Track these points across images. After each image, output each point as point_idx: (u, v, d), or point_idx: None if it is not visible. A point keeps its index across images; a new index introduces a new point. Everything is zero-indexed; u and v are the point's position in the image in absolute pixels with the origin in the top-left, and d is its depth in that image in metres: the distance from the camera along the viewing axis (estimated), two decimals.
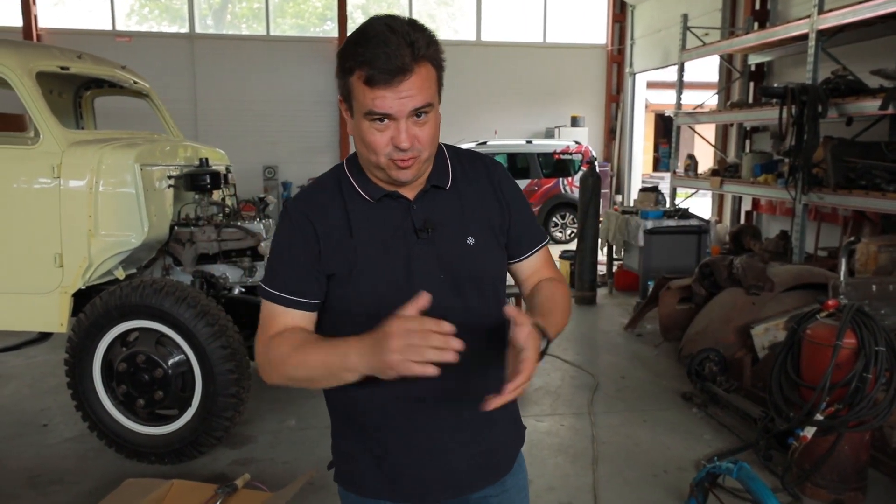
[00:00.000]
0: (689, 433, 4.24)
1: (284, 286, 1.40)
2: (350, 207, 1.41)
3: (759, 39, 7.47)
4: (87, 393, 3.78)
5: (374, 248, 1.39)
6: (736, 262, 5.49)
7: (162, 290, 3.65)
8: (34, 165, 3.83)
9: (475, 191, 1.49)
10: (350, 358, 1.25)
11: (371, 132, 1.32)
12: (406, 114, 1.30)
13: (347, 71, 1.31)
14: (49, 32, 13.37)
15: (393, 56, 1.25)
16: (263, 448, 4.03)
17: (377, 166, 1.36)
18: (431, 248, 1.41)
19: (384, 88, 1.27)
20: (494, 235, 1.48)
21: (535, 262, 1.58)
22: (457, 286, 1.42)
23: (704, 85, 14.17)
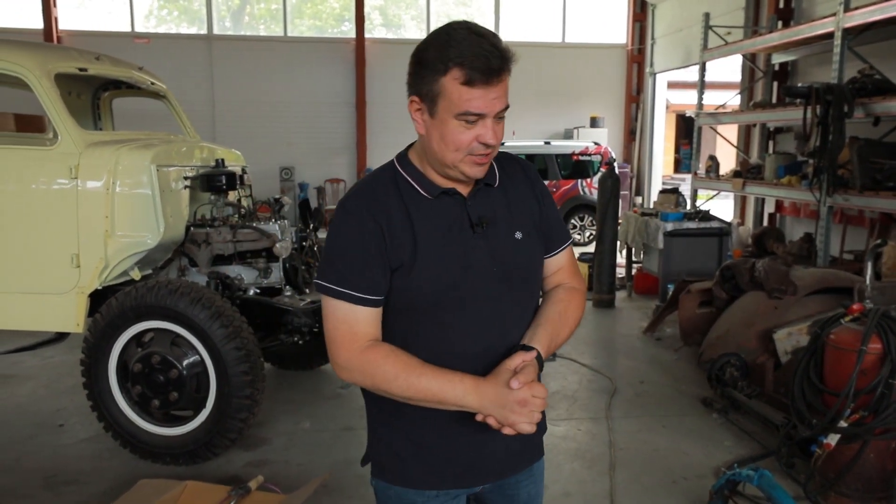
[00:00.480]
0: (709, 439, 4.20)
1: (352, 283, 1.45)
2: (409, 203, 1.48)
3: (784, 38, 7.39)
4: (102, 393, 3.82)
5: (434, 242, 1.46)
6: (758, 265, 5.42)
7: (177, 291, 3.68)
8: (52, 166, 3.88)
9: (518, 189, 1.60)
10: (467, 399, 1.41)
11: (458, 130, 1.41)
12: (494, 113, 1.41)
13: (441, 70, 1.38)
14: (69, 34, 13.57)
15: (490, 57, 1.36)
16: (278, 450, 4.05)
17: (452, 164, 1.45)
18: (485, 242, 1.50)
19: (481, 89, 1.37)
20: (536, 231, 1.60)
21: (560, 259, 1.68)
22: (507, 279, 1.52)
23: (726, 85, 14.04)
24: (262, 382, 3.81)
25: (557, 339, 1.56)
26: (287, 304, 4.21)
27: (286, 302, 4.24)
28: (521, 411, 1.38)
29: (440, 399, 1.42)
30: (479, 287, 1.49)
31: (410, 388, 1.42)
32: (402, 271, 1.45)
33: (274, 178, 14.03)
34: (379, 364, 1.44)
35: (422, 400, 1.44)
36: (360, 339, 1.46)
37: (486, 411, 1.40)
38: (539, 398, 1.40)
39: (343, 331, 1.46)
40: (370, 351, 1.45)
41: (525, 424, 1.39)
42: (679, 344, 6.00)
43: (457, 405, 1.42)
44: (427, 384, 1.41)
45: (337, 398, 4.84)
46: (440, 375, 1.42)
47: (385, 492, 1.63)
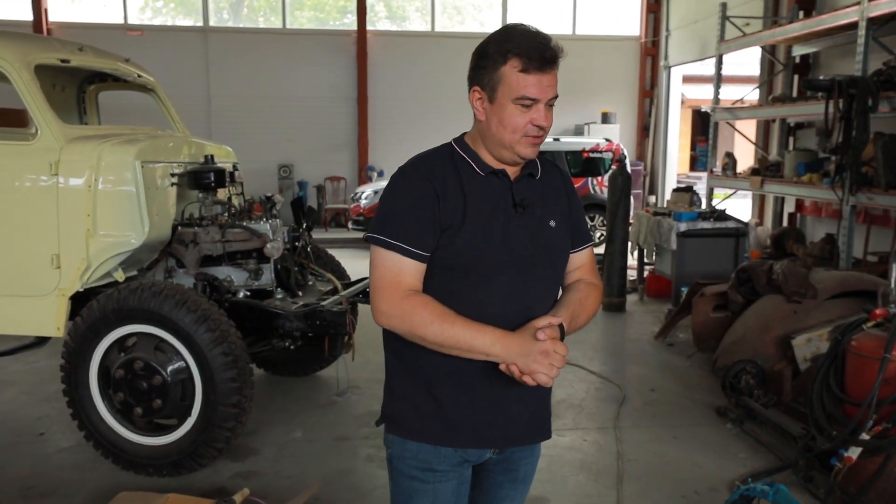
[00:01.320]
0: (723, 451, 4.12)
1: (405, 237, 1.66)
2: (462, 175, 1.73)
3: (805, 29, 7.31)
4: (83, 401, 3.78)
5: (481, 210, 1.70)
6: (776, 268, 5.35)
7: (161, 294, 3.64)
8: (31, 162, 3.84)
9: (554, 185, 1.86)
10: (494, 348, 1.62)
11: (515, 114, 1.66)
12: (546, 100, 1.67)
13: (500, 60, 1.64)
14: (59, 26, 13.60)
15: (545, 49, 1.64)
16: (267, 461, 4.00)
17: (509, 145, 1.70)
18: (524, 222, 1.74)
19: (536, 75, 1.64)
20: (567, 224, 1.85)
21: (582, 257, 1.92)
22: (538, 258, 1.75)
23: (744, 79, 13.97)
24: (250, 390, 3.76)
25: (576, 322, 1.78)
26: (278, 307, 4.16)
27: (277, 305, 4.19)
28: (542, 361, 1.59)
29: (469, 346, 1.62)
30: (514, 260, 1.71)
31: (444, 334, 1.62)
32: (450, 232, 1.67)
33: (272, 175, 14.02)
34: (418, 310, 1.64)
35: (452, 346, 1.63)
36: (404, 288, 1.66)
37: (511, 360, 1.61)
38: (559, 353, 1.61)
39: (389, 279, 1.67)
40: (411, 298, 1.65)
41: (543, 375, 1.59)
42: (692, 350, 5.92)
43: (484, 353, 1.62)
44: (459, 332, 1.62)
45: (331, 406, 4.79)
46: (471, 325, 1.63)
47: (401, 448, 1.79)
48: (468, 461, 1.81)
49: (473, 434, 1.76)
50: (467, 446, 1.77)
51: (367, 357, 5.18)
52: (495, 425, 1.77)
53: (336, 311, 4.10)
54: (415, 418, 1.77)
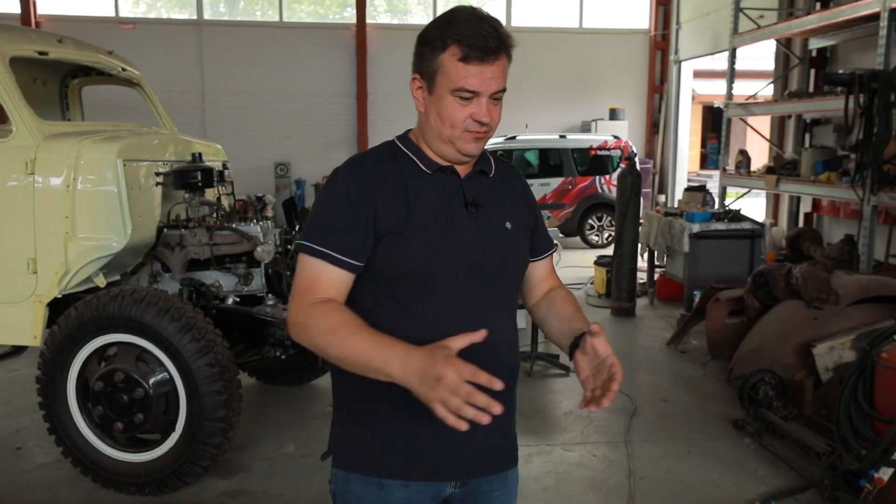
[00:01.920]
0: (741, 468, 3.97)
1: (332, 243, 1.52)
2: (406, 174, 1.60)
3: (823, 21, 7.16)
4: (60, 414, 3.64)
5: (428, 212, 1.56)
6: (795, 271, 5.20)
7: (143, 301, 3.50)
8: (5, 160, 3.71)
9: (510, 186, 1.74)
10: (391, 368, 1.35)
11: (454, 107, 1.53)
12: (489, 93, 1.53)
13: (439, 48, 1.52)
14: (48, 19, 13.48)
15: (488, 37, 1.49)
16: (257, 478, 3.86)
17: (449, 140, 1.57)
18: (476, 223, 1.61)
19: (477, 65, 1.50)
20: (524, 228, 1.73)
21: (546, 266, 1.84)
22: (493, 263, 1.61)
23: (757, 73, 13.83)
24: (238, 403, 3.62)
25: None
26: (269, 314, 4.02)
27: (268, 312, 4.05)
28: (437, 388, 1.27)
29: (366, 362, 1.40)
30: (467, 265, 1.58)
31: (341, 346, 1.42)
32: (391, 237, 1.53)
33: (269, 174, 13.89)
34: (319, 319, 1.47)
35: (351, 362, 1.43)
36: (314, 295, 1.51)
37: (409, 384, 1.33)
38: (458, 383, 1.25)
39: (302, 286, 1.53)
40: (318, 305, 1.49)
41: (438, 405, 1.26)
42: (706, 358, 5.77)
43: (381, 372, 1.38)
44: (356, 344, 1.41)
45: (324, 418, 4.64)
46: (375, 338, 1.41)
47: (346, 485, 1.64)
48: (427, 498, 1.64)
49: (425, 466, 1.60)
50: (419, 479, 1.61)
51: None
52: (450, 455, 1.62)
53: None
54: (360, 449, 1.61)
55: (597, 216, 12.30)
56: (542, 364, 5.64)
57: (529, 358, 5.56)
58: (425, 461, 1.60)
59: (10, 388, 5.15)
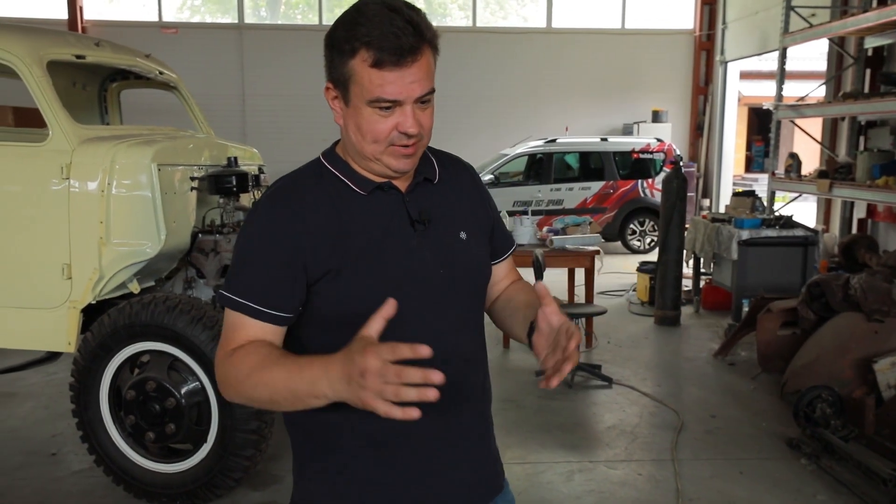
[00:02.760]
0: (798, 491, 3.74)
1: (254, 295, 1.32)
2: (337, 201, 1.38)
3: (881, 18, 6.81)
4: (93, 422, 3.59)
5: (369, 243, 1.36)
6: (853, 282, 4.93)
7: (175, 309, 3.43)
8: (42, 165, 3.67)
9: (461, 188, 1.54)
10: (319, 386, 1.18)
11: (373, 120, 1.31)
12: (413, 99, 1.31)
13: (347, 53, 1.30)
14: (94, 25, 13.69)
15: (401, 34, 1.26)
16: (290, 490, 3.74)
17: (373, 157, 1.35)
18: (427, 241, 1.41)
19: (393, 71, 1.28)
20: (482, 233, 1.54)
21: (508, 265, 1.66)
22: (453, 282, 1.43)
23: (806, 74, 13.38)
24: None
25: None
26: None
27: None
28: (365, 382, 1.10)
29: (293, 392, 1.22)
30: (422, 292, 1.38)
31: (262, 386, 1.25)
32: (329, 278, 1.33)
33: None
34: (234, 364, 1.29)
35: (281, 399, 1.24)
36: (230, 346, 1.32)
37: (343, 397, 1.16)
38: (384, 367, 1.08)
39: (223, 340, 1.34)
40: (231, 354, 1.31)
41: (379, 402, 1.09)
42: (757, 371, 5.52)
43: (311, 395, 1.20)
44: (276, 376, 1.23)
45: None
46: (292, 363, 1.24)
47: None
48: None
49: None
50: None
51: None
52: (429, 498, 1.43)
53: None
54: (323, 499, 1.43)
55: (639, 221, 12.01)
56: (584, 375, 5.46)
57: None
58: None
59: (49, 392, 5.15)
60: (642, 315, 7.50)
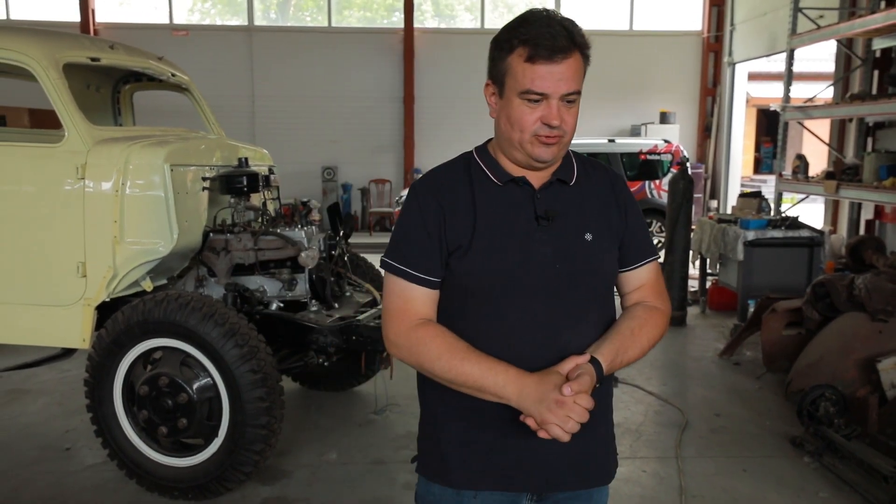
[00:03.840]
0: (801, 489, 3.78)
1: (412, 262, 1.55)
2: (476, 187, 1.58)
3: (888, 20, 6.84)
4: (107, 417, 3.67)
5: (494, 227, 1.54)
6: (858, 282, 4.96)
7: (188, 306, 3.50)
8: (57, 165, 3.75)
9: (597, 192, 1.65)
10: (506, 390, 1.45)
11: (522, 109, 1.50)
12: (559, 95, 1.48)
13: (507, 48, 1.49)
14: (106, 27, 13.84)
15: (556, 36, 1.45)
16: (299, 485, 3.82)
17: (519, 145, 1.53)
18: (550, 237, 1.55)
19: (545, 65, 1.45)
20: (612, 237, 1.63)
21: (641, 275, 1.70)
22: (569, 279, 1.56)
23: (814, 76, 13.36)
24: (280, 410, 3.59)
25: (624, 357, 1.58)
26: (312, 320, 3.99)
27: (311, 318, 4.02)
28: (557, 411, 1.40)
29: (480, 386, 1.47)
30: (537, 281, 1.54)
31: (452, 371, 1.49)
32: (459, 253, 1.54)
33: (316, 178, 13.98)
34: (426, 342, 1.52)
35: (462, 384, 1.49)
36: (412, 316, 1.55)
37: (524, 406, 1.44)
38: (580, 406, 1.41)
39: (397, 307, 1.56)
40: (420, 329, 1.54)
41: (556, 427, 1.40)
42: (761, 370, 5.56)
43: (495, 395, 1.47)
44: (469, 368, 1.47)
45: (368, 425, 4.60)
46: (484, 362, 1.48)
47: (426, 488, 1.70)
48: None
49: (496, 477, 1.62)
50: (490, 488, 1.63)
51: (407, 373, 4.91)
52: (522, 467, 1.61)
53: (373, 327, 3.91)
54: (436, 458, 1.66)
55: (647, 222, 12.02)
56: None
57: None
58: (494, 471, 1.62)
59: (62, 389, 5.24)
60: None
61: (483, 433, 1.60)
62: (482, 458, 1.61)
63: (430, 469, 1.68)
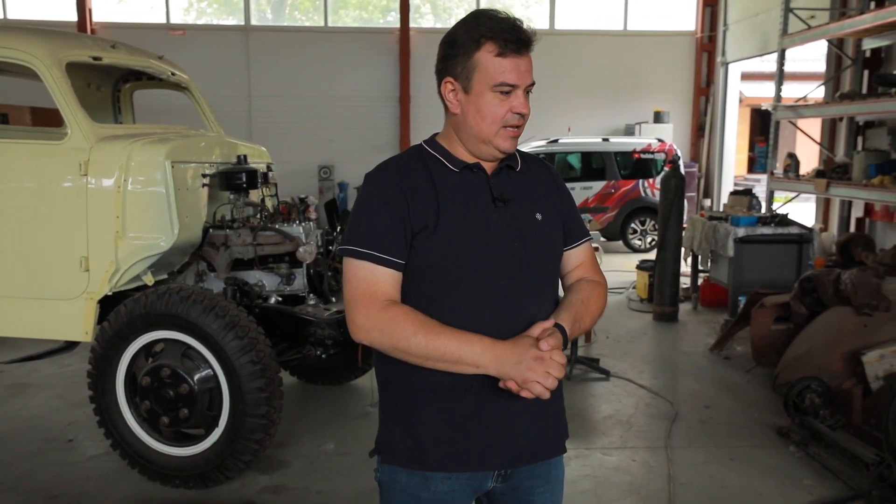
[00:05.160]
0: (786, 476, 3.89)
1: (377, 245, 1.59)
2: (434, 174, 1.65)
3: (878, 20, 6.96)
4: (109, 408, 3.76)
5: (457, 208, 1.62)
6: (844, 277, 5.07)
7: (189, 299, 3.59)
8: (61, 162, 3.84)
9: (540, 178, 1.78)
10: (484, 358, 1.52)
11: (494, 102, 1.60)
12: (525, 85, 1.61)
13: (472, 47, 1.58)
14: (103, 26, 13.89)
15: (519, 30, 1.57)
16: (298, 474, 3.92)
17: (487, 138, 1.62)
18: (506, 217, 1.65)
19: (514, 58, 1.57)
20: (557, 218, 1.76)
21: (580, 254, 1.83)
22: (526, 256, 1.66)
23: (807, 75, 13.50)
24: (279, 400, 3.69)
25: (581, 324, 1.69)
26: (310, 314, 4.08)
27: (309, 312, 4.11)
28: (537, 368, 1.49)
29: (457, 357, 1.52)
30: (500, 259, 1.63)
31: (428, 346, 1.52)
32: (424, 234, 1.59)
33: (312, 176, 14.06)
34: (399, 320, 1.55)
35: (439, 359, 1.53)
36: (380, 297, 1.58)
37: (503, 370, 1.51)
38: (556, 360, 1.51)
39: (363, 290, 1.59)
40: (390, 308, 1.57)
41: (537, 385, 1.48)
42: (751, 364, 5.66)
43: (473, 364, 1.52)
44: (445, 342, 1.52)
45: (365, 417, 4.69)
46: (458, 335, 1.54)
47: (391, 477, 1.71)
48: (469, 490, 1.71)
49: (465, 457, 1.66)
50: (462, 469, 1.67)
51: None
52: (491, 445, 1.66)
53: None
54: (407, 443, 1.68)
55: (640, 220, 12.15)
56: (582, 368, 5.60)
57: (569, 362, 5.53)
58: (467, 452, 1.65)
59: (63, 383, 5.32)
60: (641, 311, 7.64)
61: (458, 412, 1.64)
62: (458, 437, 1.64)
63: (400, 455, 1.69)
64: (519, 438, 1.68)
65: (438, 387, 1.61)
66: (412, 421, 1.66)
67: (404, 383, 1.67)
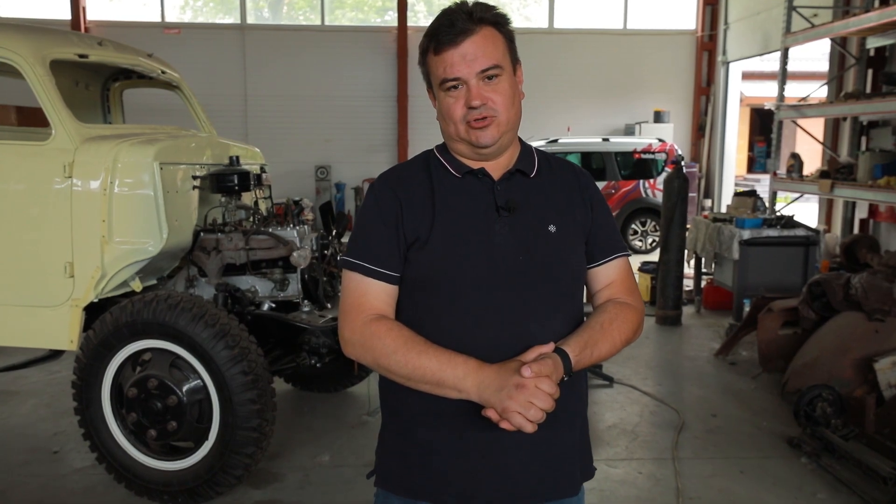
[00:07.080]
0: (798, 490, 3.75)
1: (369, 257, 1.52)
2: (435, 180, 1.56)
3: (883, 18, 6.81)
4: (95, 420, 3.60)
5: (454, 217, 1.52)
6: (854, 281, 4.94)
7: (177, 307, 3.44)
8: (44, 163, 3.68)
9: (561, 185, 1.62)
10: (465, 382, 1.39)
11: (448, 102, 1.50)
12: (474, 75, 1.47)
13: (423, 52, 1.53)
14: (97, 25, 13.73)
15: (454, 21, 1.46)
16: (291, 488, 3.77)
17: (459, 137, 1.53)
18: (511, 228, 1.52)
19: (450, 50, 1.46)
20: (577, 231, 1.59)
21: (610, 272, 1.64)
22: (532, 271, 1.51)
23: (808, 75, 13.40)
24: (272, 412, 3.53)
25: (594, 351, 1.51)
26: (304, 321, 3.93)
27: (303, 319, 3.96)
28: (517, 397, 1.32)
29: (438, 379, 1.41)
30: (499, 273, 1.50)
31: (409, 365, 1.42)
32: (417, 245, 1.51)
33: (309, 177, 13.92)
34: (380, 336, 1.46)
35: (420, 380, 1.43)
36: (367, 310, 1.50)
37: (483, 397, 1.37)
38: (542, 390, 1.33)
39: (351, 302, 1.52)
40: (373, 323, 1.49)
41: (517, 416, 1.32)
42: (757, 370, 5.52)
43: (454, 388, 1.40)
44: (426, 362, 1.41)
45: (361, 427, 4.54)
46: (442, 354, 1.42)
47: (384, 500, 1.64)
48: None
49: (462, 489, 1.53)
50: (448, 502, 1.55)
51: None
52: (484, 477, 1.52)
53: None
54: (402, 471, 1.59)
55: (640, 221, 12.01)
56: None
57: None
58: (457, 483, 1.54)
59: (51, 391, 5.17)
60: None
61: (444, 439, 1.53)
62: (445, 467, 1.54)
63: (393, 481, 1.61)
64: (515, 474, 1.53)
65: (428, 410, 1.51)
66: (405, 445, 1.58)
67: (399, 403, 1.58)
